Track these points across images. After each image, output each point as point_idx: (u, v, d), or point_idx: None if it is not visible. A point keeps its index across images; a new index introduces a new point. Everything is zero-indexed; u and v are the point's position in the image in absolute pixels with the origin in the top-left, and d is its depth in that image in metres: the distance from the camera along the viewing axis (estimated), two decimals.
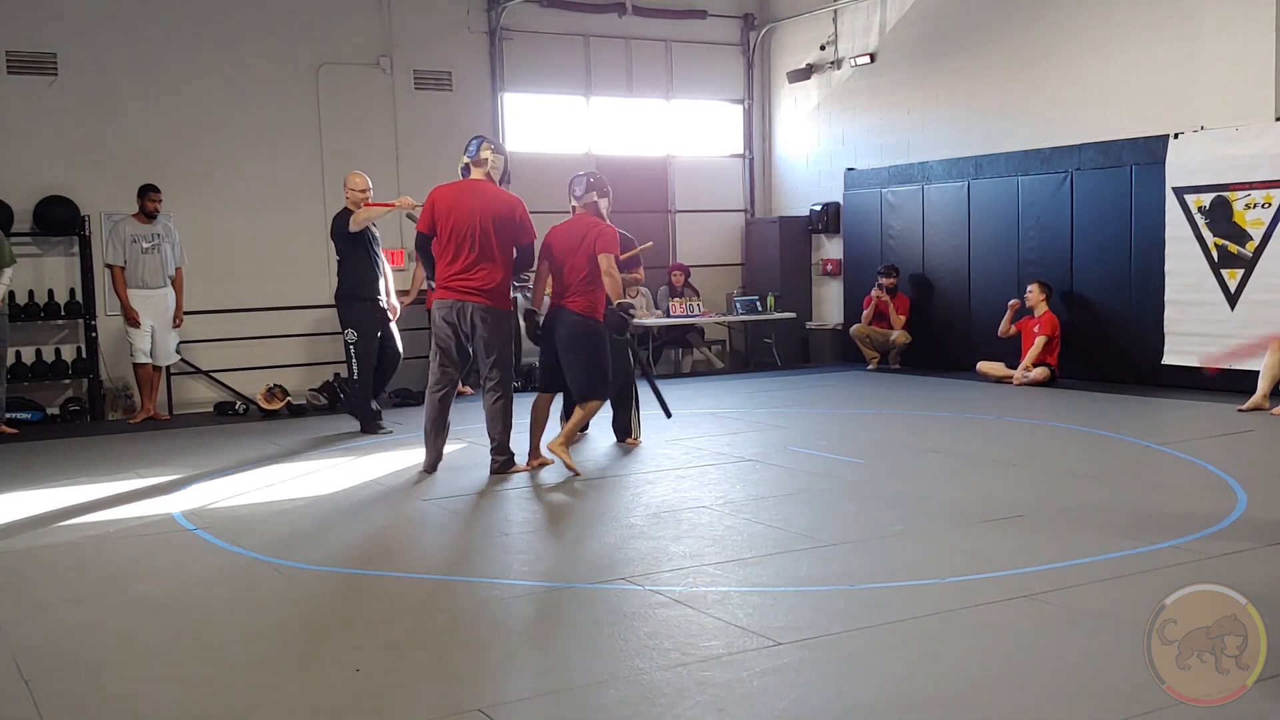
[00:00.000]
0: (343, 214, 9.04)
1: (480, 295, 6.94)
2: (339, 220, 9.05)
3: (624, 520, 5.97)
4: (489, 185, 7.11)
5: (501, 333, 7.02)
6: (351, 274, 9.04)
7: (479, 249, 6.92)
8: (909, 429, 8.67)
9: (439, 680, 3.78)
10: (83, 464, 8.12)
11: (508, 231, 6.98)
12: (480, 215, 6.93)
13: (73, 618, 4.58)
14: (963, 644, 3.97)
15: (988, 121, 11.95)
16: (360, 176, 9.10)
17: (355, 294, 9.03)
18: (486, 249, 6.92)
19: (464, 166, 7.16)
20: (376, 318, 9.12)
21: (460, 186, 7.08)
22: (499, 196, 7.06)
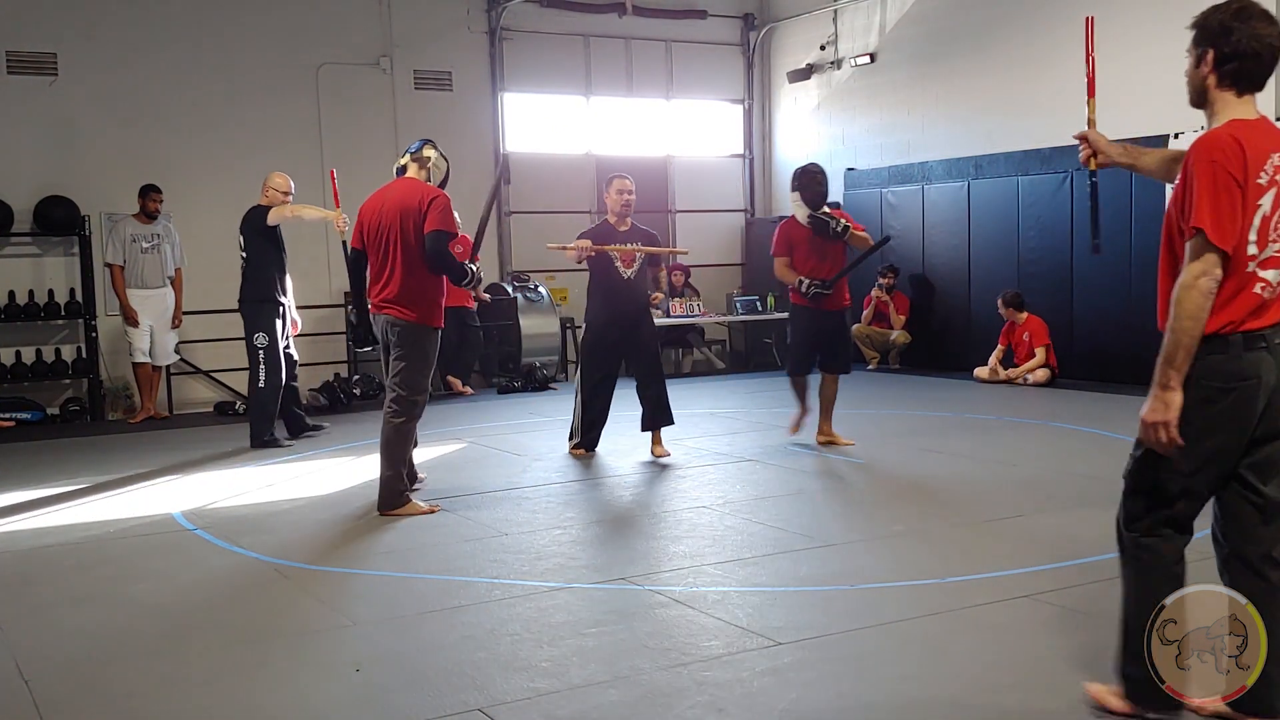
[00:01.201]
0: (259, 210, 8.49)
1: (390, 306, 6.10)
2: (256, 215, 8.48)
3: (624, 520, 5.96)
4: (409, 182, 6.25)
5: (411, 348, 6.10)
6: (264, 276, 8.45)
7: (387, 252, 6.10)
8: (909, 429, 8.66)
9: (439, 680, 3.78)
10: (83, 464, 8.12)
11: (416, 228, 6.05)
12: (389, 214, 6.11)
13: (73, 618, 4.58)
14: (963, 644, 3.97)
15: (988, 121, 11.95)
16: (284, 178, 8.64)
17: (268, 297, 8.44)
18: (394, 252, 6.06)
19: (399, 167, 6.37)
20: (283, 323, 8.57)
21: (381, 191, 6.31)
22: (413, 190, 6.15)
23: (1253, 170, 2.99)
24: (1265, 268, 3.06)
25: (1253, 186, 2.99)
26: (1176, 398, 3.01)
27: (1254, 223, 3.00)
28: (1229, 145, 2.99)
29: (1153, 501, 3.21)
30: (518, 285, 12.45)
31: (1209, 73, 3.11)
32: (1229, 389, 3.04)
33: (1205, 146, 3.03)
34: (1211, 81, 3.11)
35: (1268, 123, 3.12)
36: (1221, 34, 3.06)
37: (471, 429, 9.26)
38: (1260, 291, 3.06)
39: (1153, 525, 3.23)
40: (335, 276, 11.59)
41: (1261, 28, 3.03)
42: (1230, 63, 3.05)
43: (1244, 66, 3.04)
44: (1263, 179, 3.00)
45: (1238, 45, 3.03)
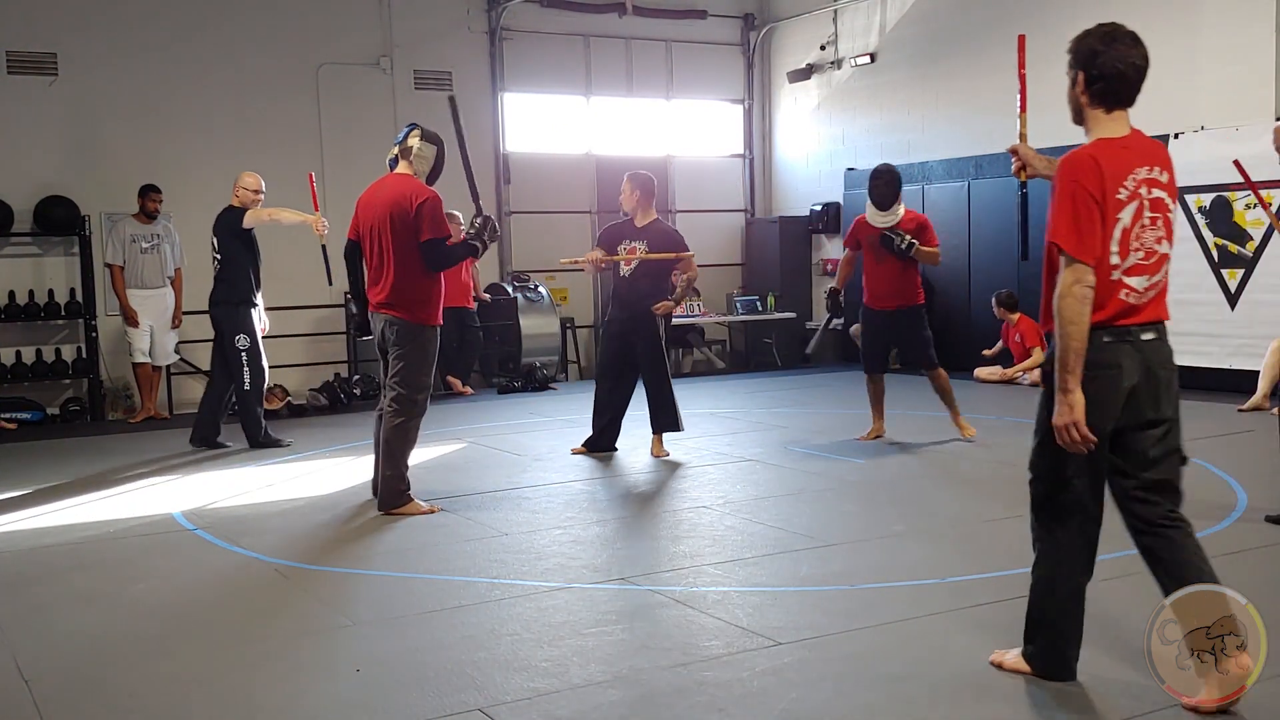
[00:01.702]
0: (233, 211, 8.45)
1: (387, 306, 6.09)
2: (230, 217, 8.42)
3: (624, 520, 5.96)
4: (400, 179, 6.19)
5: (410, 346, 6.08)
6: (240, 278, 8.40)
7: (381, 253, 6.09)
8: (909, 429, 8.66)
9: (439, 680, 3.78)
10: (83, 464, 8.12)
11: (407, 229, 6.02)
12: (380, 214, 6.08)
13: (73, 618, 4.58)
14: (963, 644, 3.97)
15: (988, 121, 11.94)
16: (254, 177, 8.58)
17: (244, 299, 8.42)
18: (388, 252, 6.05)
19: (391, 158, 6.32)
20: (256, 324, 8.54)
21: (375, 184, 6.28)
22: (403, 189, 6.09)
23: (1111, 187, 3.23)
24: (1130, 275, 3.30)
25: (1112, 202, 3.23)
26: (1077, 398, 3.23)
27: (1114, 235, 3.25)
28: (1088, 165, 3.25)
29: (1053, 486, 3.42)
30: (518, 285, 12.45)
31: (1080, 93, 3.37)
32: (1092, 376, 3.25)
33: (1067, 166, 3.30)
34: (1084, 101, 3.37)
35: (1138, 138, 3.35)
36: (1090, 57, 3.31)
37: (471, 429, 9.26)
38: (1126, 298, 3.30)
39: (1059, 511, 3.43)
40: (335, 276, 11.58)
41: (1126, 51, 3.28)
42: (1098, 83, 3.29)
43: (1110, 86, 3.28)
44: (1122, 194, 3.24)
45: (1104, 67, 3.27)
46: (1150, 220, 3.32)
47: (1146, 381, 3.38)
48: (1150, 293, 3.35)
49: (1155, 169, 3.34)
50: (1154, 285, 3.36)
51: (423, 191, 6.10)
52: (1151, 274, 3.33)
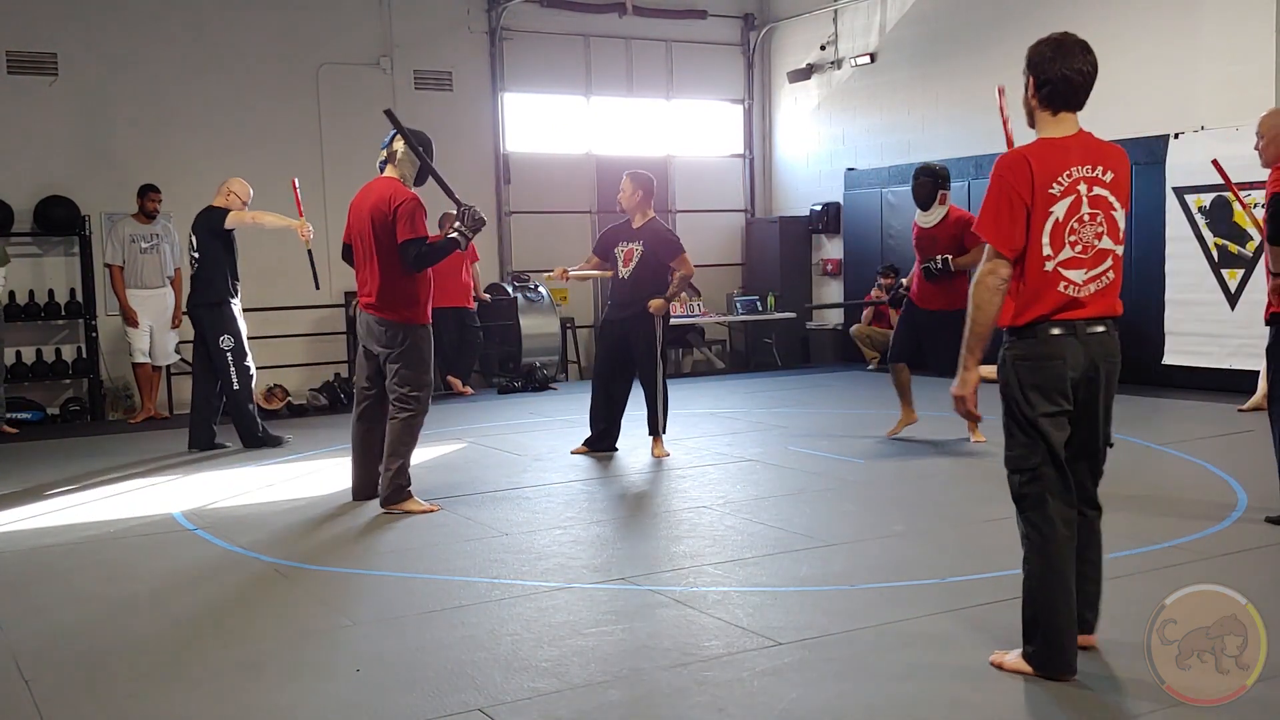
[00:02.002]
0: (214, 212, 8.44)
1: (375, 309, 6.14)
2: (212, 217, 8.40)
3: (624, 520, 5.96)
4: (383, 182, 6.21)
5: (402, 347, 6.12)
6: (219, 278, 8.35)
7: (366, 255, 6.16)
8: (909, 428, 8.66)
9: (439, 680, 3.78)
10: (83, 464, 8.12)
11: (387, 231, 6.06)
12: (364, 217, 6.15)
13: (73, 618, 4.58)
14: (963, 644, 3.97)
15: (988, 121, 11.91)
16: (244, 185, 8.63)
17: (224, 299, 8.36)
18: (371, 254, 6.12)
19: (380, 162, 6.34)
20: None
21: (364, 188, 6.31)
22: (384, 192, 6.12)
23: (1042, 183, 3.42)
24: (1068, 268, 3.49)
25: (1043, 196, 3.42)
26: (972, 376, 3.59)
27: (1046, 227, 3.44)
28: (1017, 163, 3.45)
29: (1028, 477, 3.59)
30: (518, 285, 12.46)
31: (1031, 96, 3.56)
32: (1039, 367, 3.52)
33: (998, 165, 3.51)
34: (1035, 103, 3.55)
35: (1083, 139, 3.53)
36: (1040, 63, 3.52)
37: (471, 429, 9.26)
38: (1065, 290, 3.50)
39: (1035, 501, 3.57)
40: (336, 277, 11.57)
41: (1074, 61, 3.49)
42: (1045, 87, 3.50)
43: (1056, 90, 3.49)
44: (1055, 189, 3.43)
45: (1051, 73, 3.49)
46: (1090, 216, 3.49)
47: (1090, 372, 3.60)
48: (1092, 285, 3.54)
49: (1098, 169, 3.50)
50: (1096, 278, 3.55)
51: (401, 194, 6.11)
52: (1091, 267, 3.52)
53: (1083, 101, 3.54)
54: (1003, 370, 3.61)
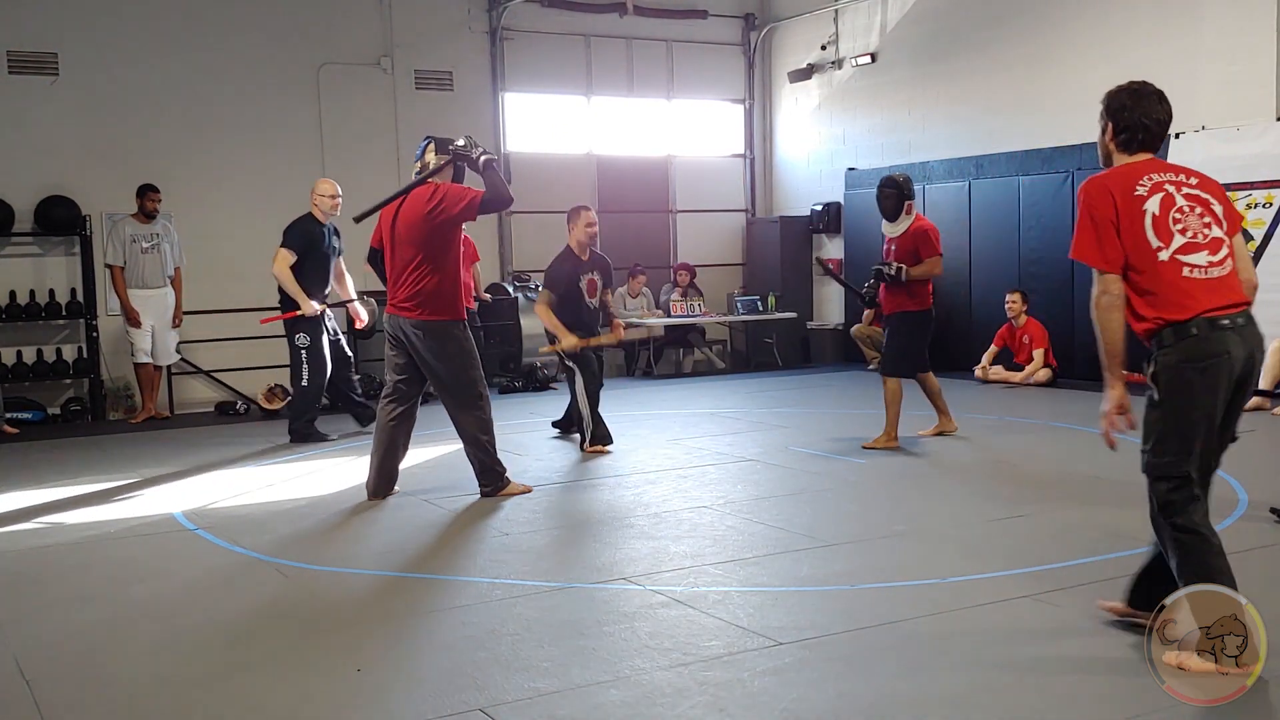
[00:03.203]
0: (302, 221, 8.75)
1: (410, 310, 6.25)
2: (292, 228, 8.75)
3: (624, 520, 5.96)
4: (424, 187, 6.29)
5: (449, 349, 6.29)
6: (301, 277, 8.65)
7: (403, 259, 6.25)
8: (909, 429, 8.65)
9: (439, 680, 3.78)
10: (83, 464, 8.12)
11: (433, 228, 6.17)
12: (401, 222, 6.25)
13: (73, 618, 4.58)
14: (963, 644, 3.97)
15: (988, 121, 11.94)
16: (326, 184, 8.78)
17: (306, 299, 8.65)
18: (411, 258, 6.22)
19: (416, 174, 6.44)
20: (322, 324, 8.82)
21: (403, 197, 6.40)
22: (422, 193, 6.25)
23: (1125, 190, 3.56)
24: (1185, 254, 3.53)
25: (1130, 200, 3.55)
26: (1116, 394, 3.59)
27: (1146, 225, 3.54)
28: (1095, 184, 3.62)
29: (1175, 484, 3.52)
30: (518, 285, 12.45)
31: (1109, 139, 3.73)
32: (1206, 366, 3.46)
33: (1080, 193, 3.67)
34: (1112, 147, 3.73)
35: (1152, 163, 3.69)
36: (1119, 110, 3.69)
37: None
38: (1191, 274, 3.51)
39: (1182, 507, 3.51)
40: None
41: (1151, 107, 3.67)
42: (1124, 133, 3.68)
43: (1134, 136, 3.67)
44: (1140, 189, 3.56)
45: (1130, 121, 3.66)
46: (1189, 207, 3.55)
47: (1247, 364, 3.54)
48: (1216, 270, 3.53)
49: (1176, 174, 3.63)
50: (1219, 263, 3.54)
51: (440, 187, 6.26)
52: (1211, 252, 3.54)
53: (1159, 145, 3.71)
54: (1160, 376, 3.52)
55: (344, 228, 8.65)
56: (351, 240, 8.95)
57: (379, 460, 6.51)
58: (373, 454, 6.54)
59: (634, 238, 13.79)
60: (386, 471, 6.53)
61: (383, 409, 6.49)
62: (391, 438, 6.47)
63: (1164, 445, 3.51)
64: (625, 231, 13.73)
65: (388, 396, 6.47)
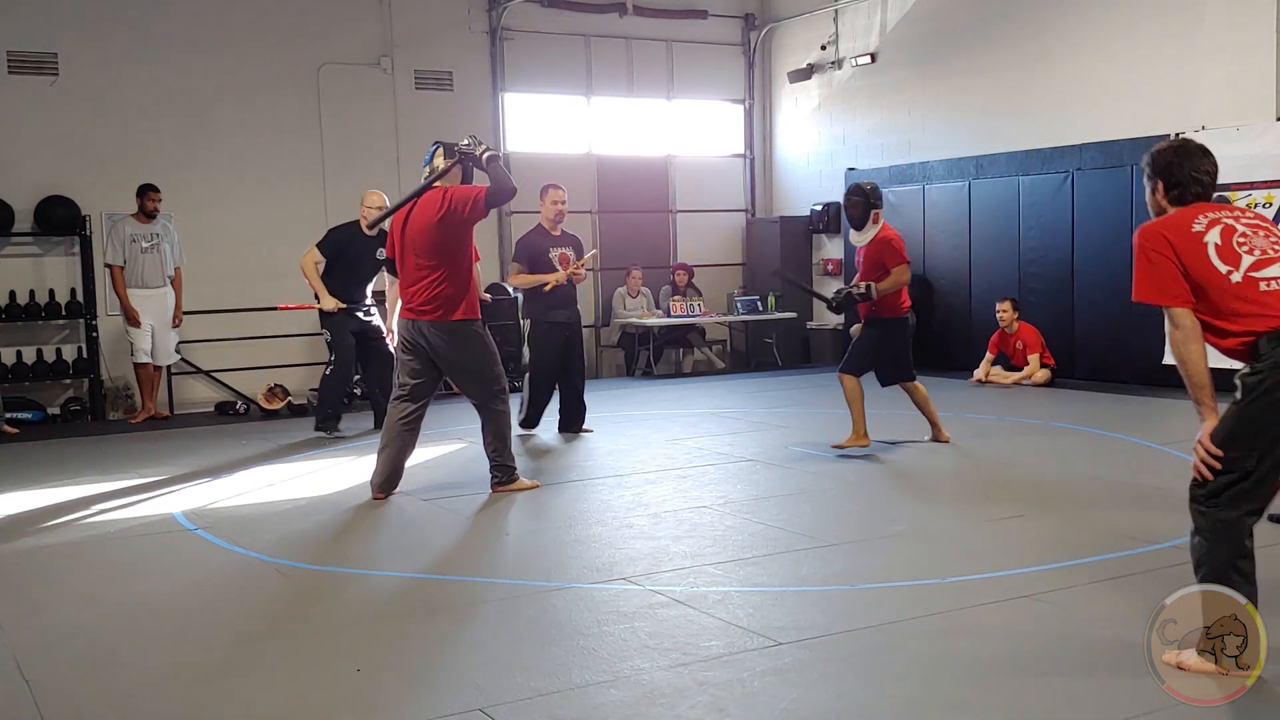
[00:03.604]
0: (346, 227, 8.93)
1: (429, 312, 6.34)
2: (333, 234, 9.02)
3: (624, 520, 5.96)
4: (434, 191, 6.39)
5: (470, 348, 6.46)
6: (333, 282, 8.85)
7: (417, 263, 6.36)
8: (909, 429, 8.65)
9: (439, 680, 3.78)
10: (83, 464, 8.12)
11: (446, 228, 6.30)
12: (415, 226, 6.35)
13: (73, 618, 4.58)
14: (963, 644, 3.97)
15: (988, 121, 11.94)
16: (372, 195, 9.00)
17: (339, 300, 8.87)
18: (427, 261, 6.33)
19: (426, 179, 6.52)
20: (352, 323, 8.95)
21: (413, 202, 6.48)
22: (433, 196, 6.36)
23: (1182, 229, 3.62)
24: (1258, 269, 3.55)
25: (1188, 238, 3.60)
26: (1207, 422, 3.60)
27: (1210, 256, 3.57)
28: (1150, 233, 3.67)
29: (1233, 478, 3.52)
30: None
31: (1161, 197, 3.80)
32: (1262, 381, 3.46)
33: (1136, 239, 3.72)
34: (1165, 204, 3.79)
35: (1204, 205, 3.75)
36: (1168, 168, 3.76)
37: (472, 429, 9.20)
38: (1269, 287, 3.52)
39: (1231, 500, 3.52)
40: None
41: (1198, 163, 3.74)
42: (1175, 189, 3.75)
43: (1188, 191, 3.74)
44: (1198, 226, 3.63)
45: (1180, 177, 3.74)
46: (1252, 230, 3.63)
47: None
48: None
49: (1231, 212, 3.72)
50: None
51: (450, 188, 6.39)
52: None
53: (1211, 197, 3.77)
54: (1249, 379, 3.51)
55: None
56: None
57: (389, 458, 6.51)
58: (381, 451, 6.54)
59: (634, 238, 13.79)
60: (395, 469, 6.55)
61: (395, 409, 6.52)
62: (403, 438, 6.50)
63: (1230, 441, 3.52)
64: (625, 231, 13.74)
65: (402, 398, 6.50)
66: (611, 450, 7.98)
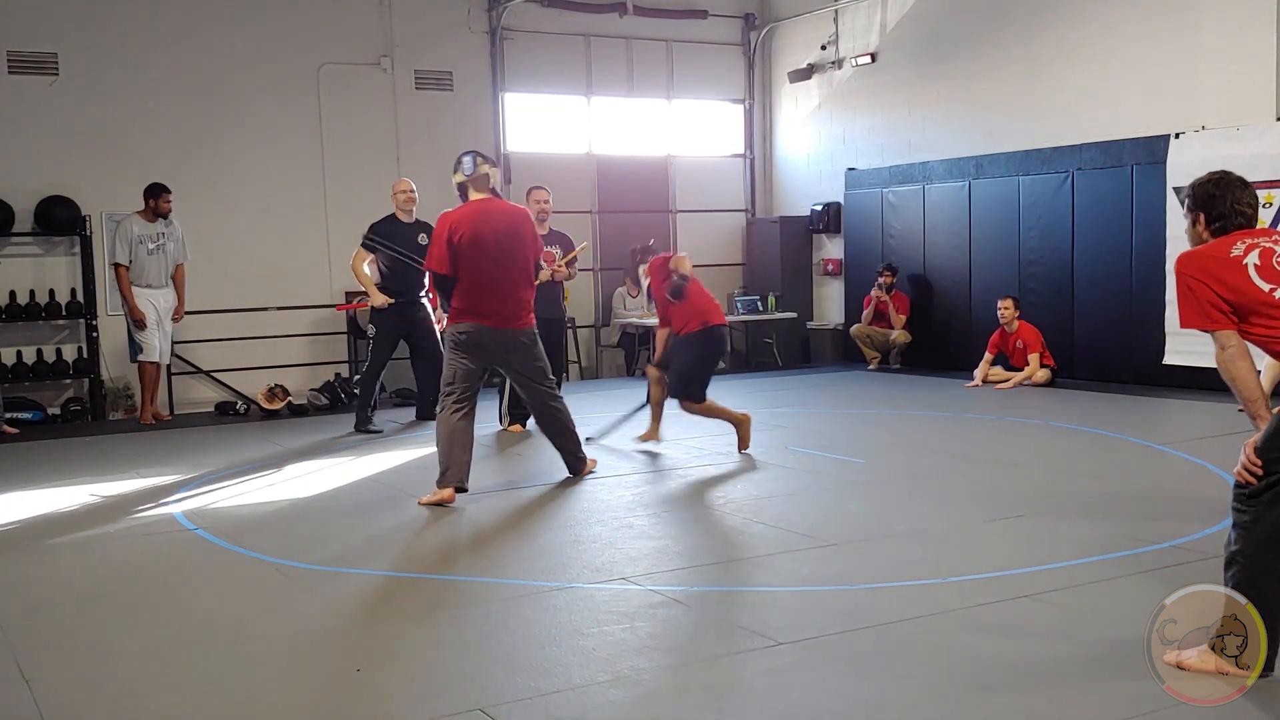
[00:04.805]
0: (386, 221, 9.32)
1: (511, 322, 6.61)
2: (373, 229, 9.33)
3: (624, 520, 5.96)
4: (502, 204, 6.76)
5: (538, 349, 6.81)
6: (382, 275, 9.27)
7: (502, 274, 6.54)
8: (909, 429, 8.67)
9: (439, 680, 3.78)
10: (83, 464, 8.12)
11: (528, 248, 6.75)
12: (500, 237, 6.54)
13: (73, 618, 4.58)
14: (963, 644, 3.97)
15: (988, 121, 11.94)
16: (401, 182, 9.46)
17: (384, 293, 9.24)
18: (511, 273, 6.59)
19: (460, 185, 6.69)
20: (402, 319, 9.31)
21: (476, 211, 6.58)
22: (514, 212, 6.79)
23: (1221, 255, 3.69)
24: None
25: (1228, 264, 3.67)
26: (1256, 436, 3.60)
27: (1251, 276, 3.65)
28: (1191, 262, 3.75)
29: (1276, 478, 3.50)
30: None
31: (1203, 230, 3.84)
32: None
33: (1178, 265, 3.79)
34: (1206, 236, 3.84)
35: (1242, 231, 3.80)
36: (1208, 201, 3.81)
37: None
38: None
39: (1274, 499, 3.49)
40: (336, 277, 11.60)
41: (1239, 195, 3.80)
42: (1218, 222, 3.80)
43: (1230, 223, 3.79)
44: (1236, 251, 3.70)
45: (1220, 209, 3.79)
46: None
47: None
48: None
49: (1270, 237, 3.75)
50: None
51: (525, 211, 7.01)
52: None
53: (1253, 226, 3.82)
54: None
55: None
56: None
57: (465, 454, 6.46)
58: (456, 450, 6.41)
59: (634, 238, 13.74)
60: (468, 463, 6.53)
61: (453, 410, 6.45)
62: (467, 433, 6.51)
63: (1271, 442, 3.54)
64: (625, 231, 13.72)
65: (464, 399, 6.49)
66: (611, 450, 7.98)
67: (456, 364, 6.52)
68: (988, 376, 11.15)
